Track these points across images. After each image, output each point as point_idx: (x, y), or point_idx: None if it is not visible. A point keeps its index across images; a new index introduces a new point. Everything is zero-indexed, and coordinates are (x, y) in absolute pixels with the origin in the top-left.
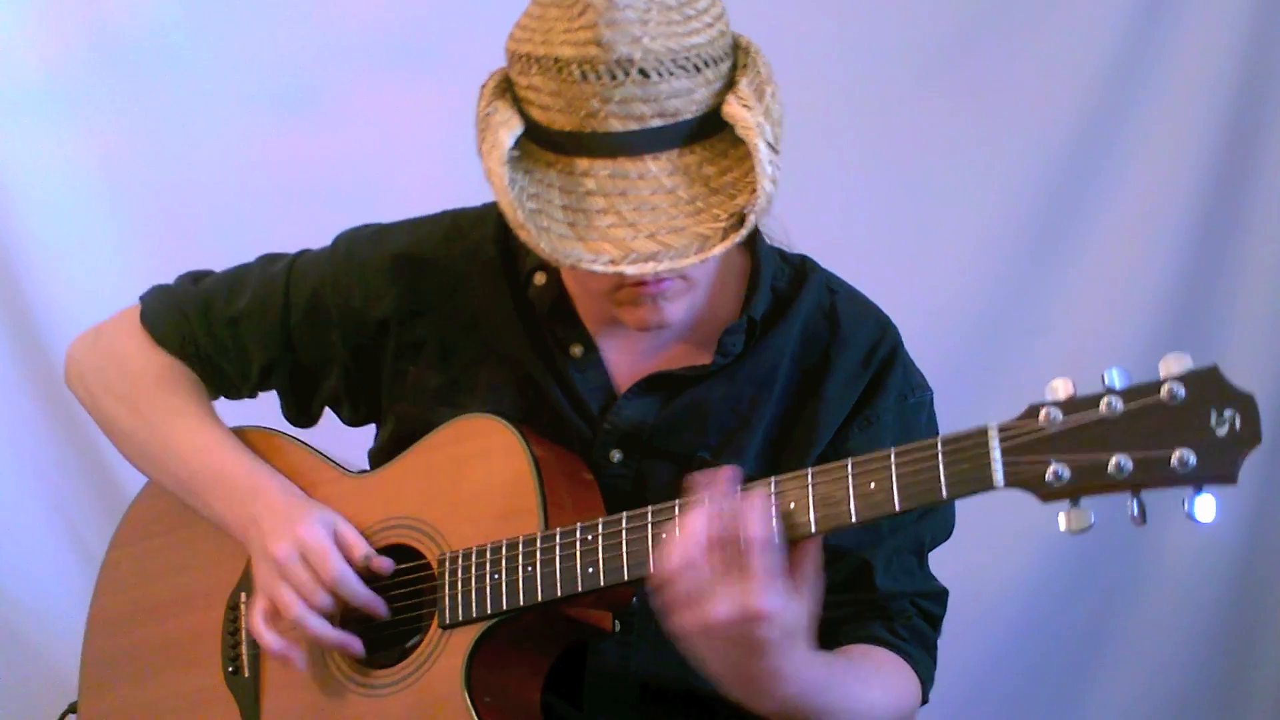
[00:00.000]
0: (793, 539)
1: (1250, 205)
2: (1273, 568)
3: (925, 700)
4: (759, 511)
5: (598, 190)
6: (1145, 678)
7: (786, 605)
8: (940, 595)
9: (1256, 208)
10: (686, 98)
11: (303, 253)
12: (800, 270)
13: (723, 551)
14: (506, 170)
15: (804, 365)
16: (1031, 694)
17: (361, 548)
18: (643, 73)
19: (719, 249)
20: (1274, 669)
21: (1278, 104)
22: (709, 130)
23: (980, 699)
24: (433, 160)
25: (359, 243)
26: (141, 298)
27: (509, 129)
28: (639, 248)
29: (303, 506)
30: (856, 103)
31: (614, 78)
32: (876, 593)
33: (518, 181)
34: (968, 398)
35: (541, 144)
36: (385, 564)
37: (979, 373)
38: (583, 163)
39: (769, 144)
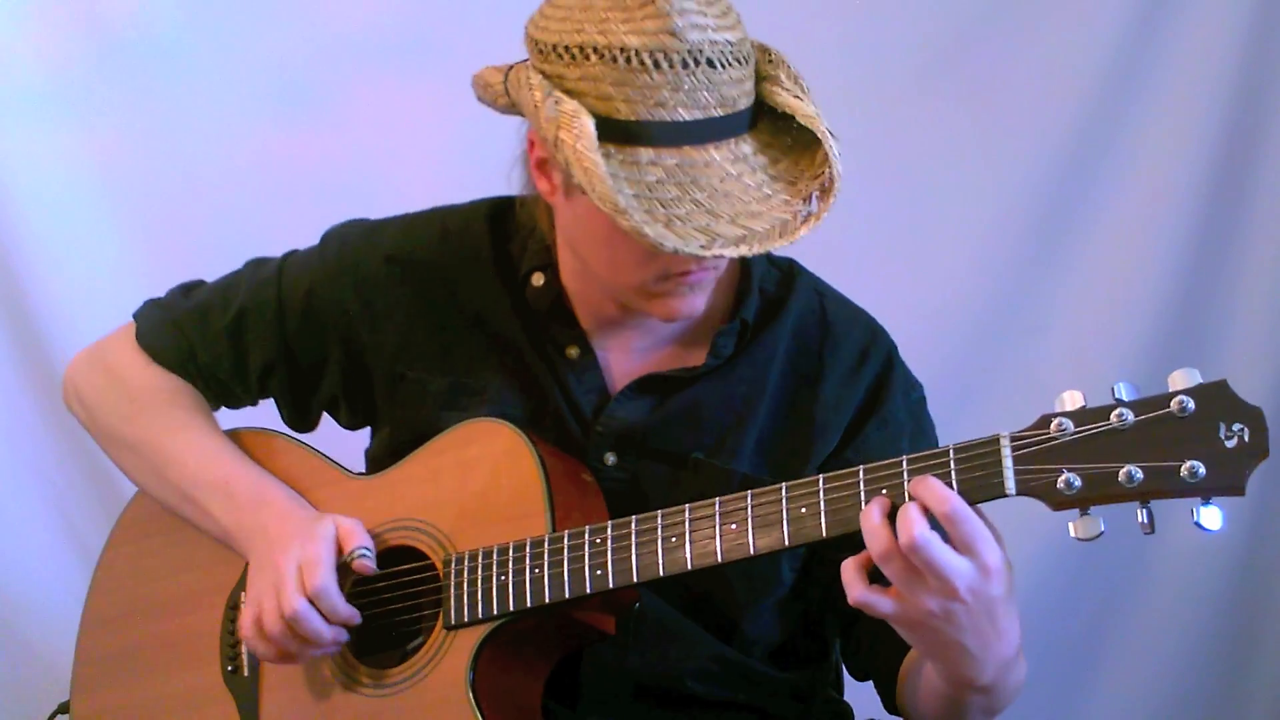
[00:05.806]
0: (804, 544)
1: (1250, 205)
2: (1273, 569)
3: None
4: (936, 488)
5: (667, 179)
6: (1145, 678)
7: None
8: None
9: (1256, 208)
10: (740, 88)
11: (291, 253)
12: (788, 274)
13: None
14: (600, 158)
15: (797, 366)
16: (1031, 694)
17: (355, 540)
18: (710, 63)
19: (803, 230)
20: (1274, 669)
21: (1278, 104)
22: (754, 121)
23: None
24: (432, 160)
25: (350, 241)
26: (135, 315)
27: (588, 117)
28: (724, 233)
29: (309, 519)
30: (856, 103)
31: (685, 66)
32: None
33: None
34: (967, 398)
35: (600, 136)
36: (367, 565)
37: (979, 373)
38: (647, 152)
39: (829, 131)
